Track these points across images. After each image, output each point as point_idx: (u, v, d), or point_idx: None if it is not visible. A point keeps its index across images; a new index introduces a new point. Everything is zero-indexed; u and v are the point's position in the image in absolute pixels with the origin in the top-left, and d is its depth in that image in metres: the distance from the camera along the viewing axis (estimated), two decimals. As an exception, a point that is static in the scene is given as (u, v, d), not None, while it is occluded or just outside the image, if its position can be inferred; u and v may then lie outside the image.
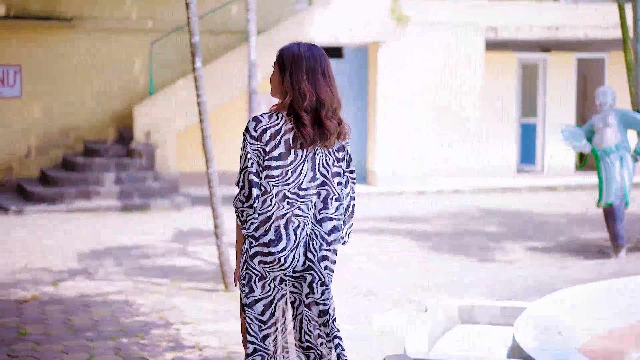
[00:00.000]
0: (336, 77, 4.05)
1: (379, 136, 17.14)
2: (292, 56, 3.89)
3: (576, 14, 18.32)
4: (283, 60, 3.90)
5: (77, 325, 6.81)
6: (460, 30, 17.52)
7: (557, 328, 5.70)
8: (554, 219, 13.36)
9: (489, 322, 6.98)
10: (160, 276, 8.87)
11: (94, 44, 16.29)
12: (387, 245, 10.87)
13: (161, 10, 16.51)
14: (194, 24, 7.93)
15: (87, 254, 10.19)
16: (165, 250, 10.52)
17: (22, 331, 6.60)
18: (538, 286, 8.06)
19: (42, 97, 16.08)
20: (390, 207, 14.75)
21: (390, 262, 9.77)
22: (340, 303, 7.59)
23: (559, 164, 19.36)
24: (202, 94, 7.97)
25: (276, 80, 3.90)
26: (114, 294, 8.03)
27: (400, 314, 7.32)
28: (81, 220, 13.17)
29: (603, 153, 10.24)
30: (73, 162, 15.48)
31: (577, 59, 19.69)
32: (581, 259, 9.81)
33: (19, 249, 10.57)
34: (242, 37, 16.41)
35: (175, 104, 15.79)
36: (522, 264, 9.52)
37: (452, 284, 8.45)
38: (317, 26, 16.40)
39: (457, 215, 13.68)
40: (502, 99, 18.96)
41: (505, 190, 17.06)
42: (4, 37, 15.81)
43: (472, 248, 10.60)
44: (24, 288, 8.24)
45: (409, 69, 17.25)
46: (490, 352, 6.20)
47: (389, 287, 8.40)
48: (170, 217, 13.53)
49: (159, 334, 6.57)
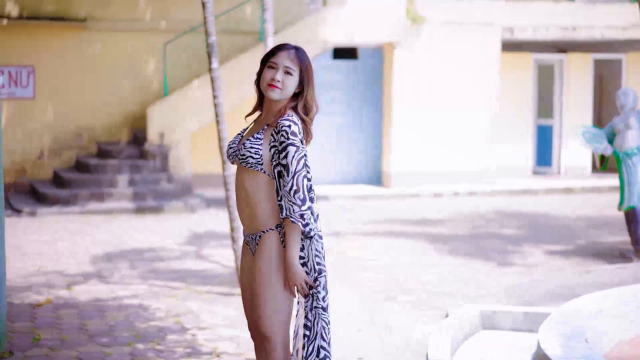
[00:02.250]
0: (351, 78, 4.22)
1: (393, 137, 16.99)
2: (312, 68, 4.11)
3: (593, 15, 18.12)
4: (308, 71, 4.06)
5: (92, 331, 6.69)
6: (476, 31, 17.36)
7: (582, 334, 5.57)
8: (572, 221, 13.19)
9: (511, 328, 6.86)
10: (175, 280, 8.75)
11: (107, 45, 16.20)
12: (403, 249, 10.73)
13: (175, 11, 16.41)
14: (210, 24, 7.81)
15: (101, 257, 10.09)
16: (180, 253, 10.40)
17: (36, 336, 6.50)
18: (560, 291, 7.90)
19: (56, 98, 16.00)
20: (405, 210, 14.60)
21: (407, 266, 9.63)
22: (358, 309, 7.46)
23: (575, 165, 19.18)
24: (218, 95, 7.84)
25: (292, 86, 4.02)
26: (128, 298, 7.92)
27: (421, 319, 7.18)
28: (94, 222, 13.07)
29: (625, 155, 10.08)
30: (86, 163, 15.39)
31: (594, 60, 19.51)
32: (602, 263, 9.64)
33: (32, 251, 10.47)
34: (257, 38, 16.31)
35: (189, 105, 15.69)
36: (542, 268, 9.37)
37: (471, 289, 8.31)
38: (331, 27, 16.27)
39: (474, 218, 13.52)
40: (518, 100, 18.80)
41: (522, 192, 16.89)
42: (17, 38, 15.73)
43: (490, 251, 10.45)
44: (37, 292, 8.14)
45: (424, 69, 17.09)
46: (513, 359, 6.07)
47: (407, 292, 8.26)
48: (184, 219, 13.42)
49: (175, 339, 6.45)
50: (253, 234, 4.04)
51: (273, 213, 3.99)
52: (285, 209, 3.90)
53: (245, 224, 4.08)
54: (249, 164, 3.96)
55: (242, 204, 4.05)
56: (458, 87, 17.33)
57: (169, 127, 15.65)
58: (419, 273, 9.19)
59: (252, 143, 3.98)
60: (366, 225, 12.66)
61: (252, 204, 4.00)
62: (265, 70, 4.06)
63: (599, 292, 6.77)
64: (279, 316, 3.94)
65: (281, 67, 4.01)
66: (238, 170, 4.07)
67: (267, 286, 3.93)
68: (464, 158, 17.41)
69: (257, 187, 3.98)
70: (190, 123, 15.73)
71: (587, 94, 19.33)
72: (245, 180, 4.01)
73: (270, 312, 3.93)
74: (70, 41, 16.01)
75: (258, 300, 3.96)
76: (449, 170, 17.29)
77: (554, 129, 19.39)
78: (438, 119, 17.21)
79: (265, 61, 4.09)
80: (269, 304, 3.93)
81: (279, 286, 3.94)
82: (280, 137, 3.91)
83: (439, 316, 7.23)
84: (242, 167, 4.02)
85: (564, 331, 5.64)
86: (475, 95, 17.42)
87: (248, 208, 4.03)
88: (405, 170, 17.00)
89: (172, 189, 14.99)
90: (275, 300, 3.93)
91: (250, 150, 3.96)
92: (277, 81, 3.99)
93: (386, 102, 17.25)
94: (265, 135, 3.98)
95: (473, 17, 17.31)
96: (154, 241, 11.27)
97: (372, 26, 16.58)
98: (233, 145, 4.11)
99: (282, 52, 4.04)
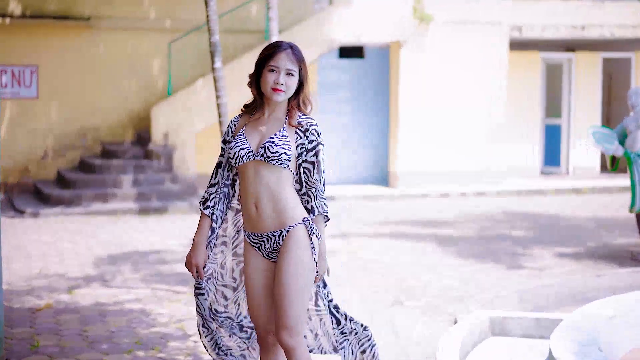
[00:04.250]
0: (357, 77, 4.22)
1: (400, 137, 16.83)
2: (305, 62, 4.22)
3: (602, 13, 17.92)
4: (305, 68, 4.17)
5: (92, 337, 6.54)
6: (483, 30, 17.17)
7: (596, 341, 5.41)
8: (582, 222, 13.01)
9: (522, 335, 6.69)
10: (179, 283, 8.60)
11: (111, 44, 16.07)
12: (410, 251, 10.56)
13: (180, 10, 16.27)
14: (213, 22, 7.66)
15: (104, 259, 9.94)
16: (184, 255, 10.24)
17: (35, 343, 6.34)
18: (572, 295, 7.75)
19: (59, 97, 15.87)
20: (412, 210, 14.44)
21: (415, 269, 9.46)
22: (364, 313, 7.30)
23: (584, 165, 19.00)
24: (222, 94, 7.69)
25: (295, 86, 4.12)
26: (130, 302, 7.77)
27: (429, 325, 7.02)
28: (98, 223, 12.93)
29: (636, 156, 9.90)
30: (90, 163, 15.26)
31: (602, 59, 19.31)
32: (614, 266, 9.46)
33: (34, 253, 10.33)
34: (262, 37, 16.16)
35: (194, 104, 15.54)
36: (552, 272, 9.19)
37: (481, 293, 8.14)
38: (337, 25, 16.12)
39: (482, 219, 13.35)
40: (526, 100, 18.62)
41: (530, 192, 16.71)
42: (21, 37, 15.61)
43: (499, 254, 10.27)
44: (38, 296, 7.99)
45: (431, 68, 16.92)
46: (525, 367, 5.92)
47: (415, 297, 8.10)
48: (189, 220, 13.27)
49: (177, 346, 6.29)
50: (277, 230, 4.11)
51: (297, 206, 4.13)
52: (317, 205, 4.14)
53: (267, 222, 4.12)
54: (281, 160, 4.05)
55: (264, 201, 4.10)
56: (465, 86, 17.15)
57: (174, 127, 15.51)
58: (427, 276, 9.02)
59: (283, 141, 4.07)
60: (372, 226, 12.50)
61: (278, 199, 4.09)
62: (265, 73, 4.10)
63: (612, 297, 6.61)
64: (305, 306, 4.10)
65: (282, 69, 4.08)
66: (251, 169, 4.11)
67: (300, 277, 4.07)
68: (470, 158, 17.23)
69: (283, 182, 4.10)
70: (195, 123, 15.59)
71: (595, 93, 19.14)
72: (269, 177, 4.08)
73: (300, 303, 4.07)
74: (74, 40, 15.89)
75: (290, 292, 4.05)
76: (455, 170, 17.11)
77: (562, 128, 19.21)
78: (444, 119, 17.04)
79: (262, 63, 4.12)
80: (299, 295, 4.07)
81: (310, 277, 4.11)
82: (310, 135, 4.11)
83: (447, 322, 7.06)
84: (262, 164, 4.08)
85: (576, 338, 5.48)
86: (482, 94, 17.24)
87: (273, 204, 4.09)
88: (412, 170, 16.84)
89: (176, 190, 14.85)
90: (305, 290, 4.09)
91: (283, 147, 4.05)
92: (282, 84, 4.07)
93: (392, 102, 17.09)
94: (289, 134, 4.10)
95: (480, 15, 17.12)
96: (158, 243, 11.12)
97: (379, 25, 16.42)
98: (244, 146, 4.11)
99: (281, 54, 4.09)
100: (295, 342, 4.04)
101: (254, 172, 4.10)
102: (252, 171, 4.10)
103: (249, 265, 4.21)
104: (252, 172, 4.11)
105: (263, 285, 4.19)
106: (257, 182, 4.09)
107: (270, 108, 4.15)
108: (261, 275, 4.19)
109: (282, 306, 4.05)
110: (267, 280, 4.19)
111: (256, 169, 4.09)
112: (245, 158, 4.10)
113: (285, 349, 4.06)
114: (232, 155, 4.12)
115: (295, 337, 4.04)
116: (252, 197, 4.11)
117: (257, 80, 4.15)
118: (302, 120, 4.12)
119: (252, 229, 4.15)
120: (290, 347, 4.04)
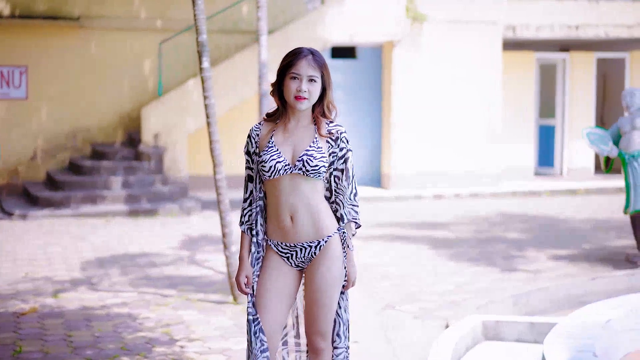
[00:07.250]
0: (350, 77, 4.07)
1: (393, 138, 16.70)
2: (328, 67, 4.18)
3: (597, 13, 17.82)
4: (328, 73, 4.12)
5: (76, 342, 6.39)
6: (477, 30, 17.04)
7: (590, 346, 5.29)
8: (577, 224, 12.89)
9: (515, 339, 6.57)
10: (168, 287, 8.45)
11: (101, 44, 15.91)
12: (404, 254, 10.43)
13: (171, 9, 16.12)
14: (200, 21, 7.52)
15: (92, 262, 9.79)
16: (174, 258, 10.10)
17: (17, 349, 6.20)
18: (567, 299, 7.63)
19: (49, 98, 15.71)
20: (406, 212, 14.31)
21: (408, 272, 9.33)
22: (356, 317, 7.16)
23: (578, 166, 18.90)
24: (209, 95, 7.54)
25: (318, 92, 4.07)
26: (117, 306, 7.62)
27: (421, 329, 6.88)
28: (87, 225, 12.77)
29: (631, 157, 9.78)
30: (80, 165, 15.10)
31: (597, 59, 19.21)
32: (609, 269, 9.34)
33: (22, 256, 10.18)
34: (255, 37, 16.01)
35: (185, 105, 15.39)
36: (547, 275, 9.06)
37: (474, 297, 8.00)
38: (330, 25, 15.99)
39: (476, 221, 13.22)
40: (520, 100, 18.49)
41: (524, 193, 16.60)
42: (10, 37, 15.45)
43: (494, 257, 10.14)
44: (23, 299, 7.84)
45: (424, 69, 16.79)
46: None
47: (407, 300, 7.97)
48: (179, 222, 13.13)
49: (163, 352, 6.15)
50: (314, 241, 4.11)
51: (331, 216, 4.16)
52: (346, 212, 4.15)
53: (302, 232, 4.11)
54: (320, 173, 4.06)
55: (301, 212, 4.09)
56: (459, 86, 17.02)
57: (165, 128, 15.36)
58: (420, 280, 8.89)
59: (319, 153, 4.07)
60: (365, 229, 12.36)
61: (315, 210, 4.10)
62: (287, 81, 4.06)
63: (607, 301, 6.50)
64: (334, 313, 4.18)
65: (304, 77, 4.04)
66: (286, 180, 4.07)
67: (335, 285, 4.15)
68: (464, 159, 17.10)
69: (318, 193, 4.11)
70: (186, 124, 15.44)
71: (590, 93, 19.04)
72: (307, 190, 4.08)
73: (332, 309, 4.16)
74: (64, 40, 15.73)
75: (326, 299, 4.13)
76: (449, 171, 16.98)
77: (556, 129, 19.11)
78: (438, 119, 16.91)
79: (284, 71, 4.06)
80: (333, 302, 4.16)
81: (340, 285, 4.17)
82: (341, 143, 4.13)
83: (440, 326, 6.92)
84: (299, 176, 4.06)
85: (570, 343, 5.37)
86: (476, 94, 17.12)
87: (310, 215, 4.09)
88: (406, 172, 16.71)
89: (167, 192, 14.69)
90: (335, 298, 4.17)
91: (322, 160, 4.06)
92: (304, 92, 4.04)
93: (386, 102, 16.96)
94: (322, 144, 4.10)
95: (474, 15, 16.99)
96: (147, 245, 10.97)
97: (372, 24, 16.29)
98: (280, 159, 4.06)
99: (302, 62, 4.05)
100: (326, 345, 4.17)
101: (289, 184, 4.07)
102: (287, 183, 4.08)
103: (271, 272, 4.17)
104: (287, 184, 4.08)
105: (283, 293, 4.18)
106: (294, 194, 4.07)
107: (296, 117, 4.12)
108: (283, 284, 4.18)
109: (317, 312, 4.13)
110: (288, 289, 4.20)
111: (292, 181, 4.07)
112: (282, 172, 4.06)
113: (316, 351, 4.17)
114: (266, 168, 4.06)
115: (327, 340, 4.16)
116: (287, 208, 4.09)
117: (280, 88, 4.10)
118: (331, 128, 4.12)
119: (283, 239, 4.14)
120: (322, 349, 4.16)
